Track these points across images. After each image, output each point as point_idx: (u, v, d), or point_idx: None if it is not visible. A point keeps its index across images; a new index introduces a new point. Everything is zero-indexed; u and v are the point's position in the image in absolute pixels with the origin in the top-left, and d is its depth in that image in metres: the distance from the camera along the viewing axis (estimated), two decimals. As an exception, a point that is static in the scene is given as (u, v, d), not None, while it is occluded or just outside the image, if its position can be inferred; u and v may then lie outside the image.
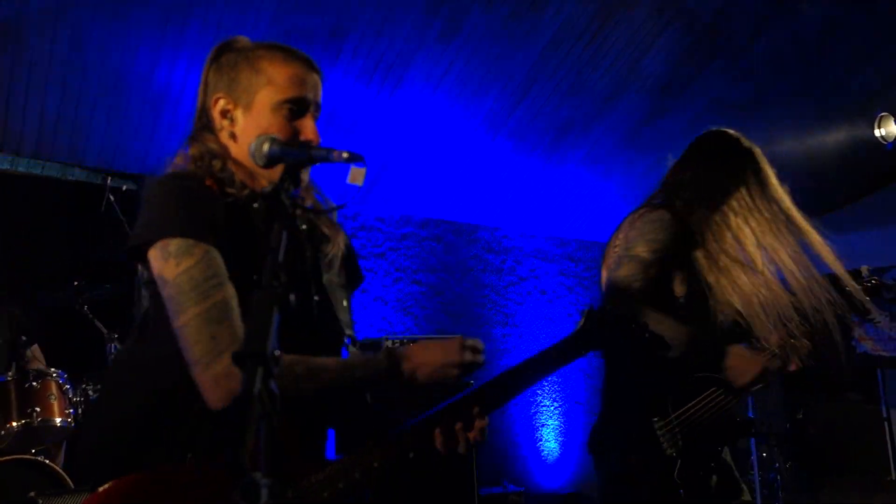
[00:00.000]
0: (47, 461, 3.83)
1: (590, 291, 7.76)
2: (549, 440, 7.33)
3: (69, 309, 4.25)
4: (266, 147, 1.44)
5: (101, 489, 1.38)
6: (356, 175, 1.25)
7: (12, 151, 5.49)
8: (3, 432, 3.84)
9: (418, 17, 5.43)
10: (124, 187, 5.26)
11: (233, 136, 1.62)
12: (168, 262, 1.43)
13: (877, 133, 7.12)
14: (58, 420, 3.93)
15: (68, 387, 4.11)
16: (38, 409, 3.86)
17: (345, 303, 1.74)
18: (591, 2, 5.61)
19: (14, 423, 3.84)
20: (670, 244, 2.44)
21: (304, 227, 1.69)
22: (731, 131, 2.79)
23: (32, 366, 4.31)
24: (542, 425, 7.33)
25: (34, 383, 3.91)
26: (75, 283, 4.17)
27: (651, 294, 2.39)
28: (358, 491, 1.51)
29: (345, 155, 1.28)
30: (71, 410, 4.06)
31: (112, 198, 4.71)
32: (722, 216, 2.55)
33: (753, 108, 6.72)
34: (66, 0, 4.75)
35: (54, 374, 4.01)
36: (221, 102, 1.63)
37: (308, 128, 1.60)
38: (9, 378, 3.98)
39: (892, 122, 7.04)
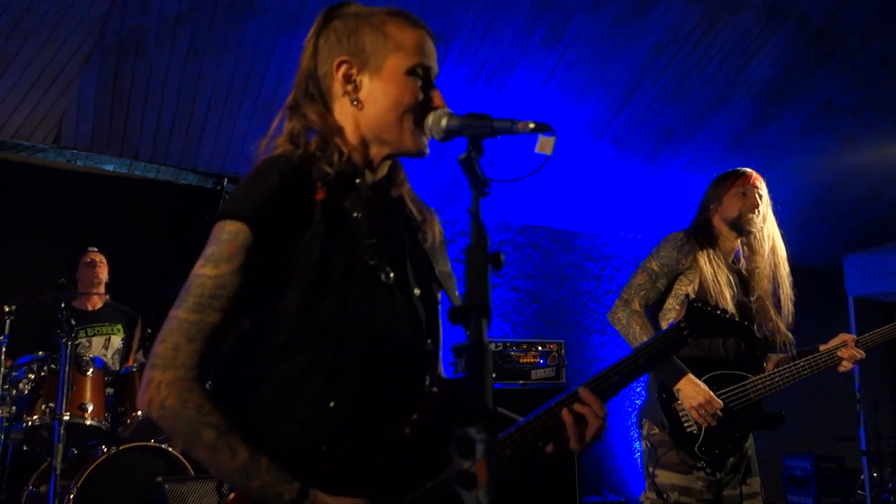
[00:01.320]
0: (170, 448, 3.97)
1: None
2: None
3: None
4: (444, 121, 1.43)
5: (237, 494, 1.39)
6: (545, 144, 1.24)
7: (130, 156, 5.72)
8: (128, 420, 4.00)
9: (522, 23, 5.45)
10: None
11: (357, 102, 1.55)
12: (209, 248, 1.43)
13: None
14: (179, 411, 4.03)
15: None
16: (161, 400, 3.98)
17: (457, 293, 1.70)
18: (696, 6, 5.53)
19: (139, 413, 3.99)
20: (680, 260, 3.05)
21: (401, 218, 1.64)
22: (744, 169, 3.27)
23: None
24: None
25: (157, 375, 4.04)
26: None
27: (658, 300, 3.07)
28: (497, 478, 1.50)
29: (531, 125, 1.27)
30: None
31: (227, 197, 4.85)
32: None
33: (865, 113, 6.49)
34: (184, 11, 4.95)
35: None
36: (345, 67, 1.55)
37: (438, 96, 1.55)
38: (133, 370, 4.14)
39: None
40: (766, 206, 3.14)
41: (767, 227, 3.14)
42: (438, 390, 1.56)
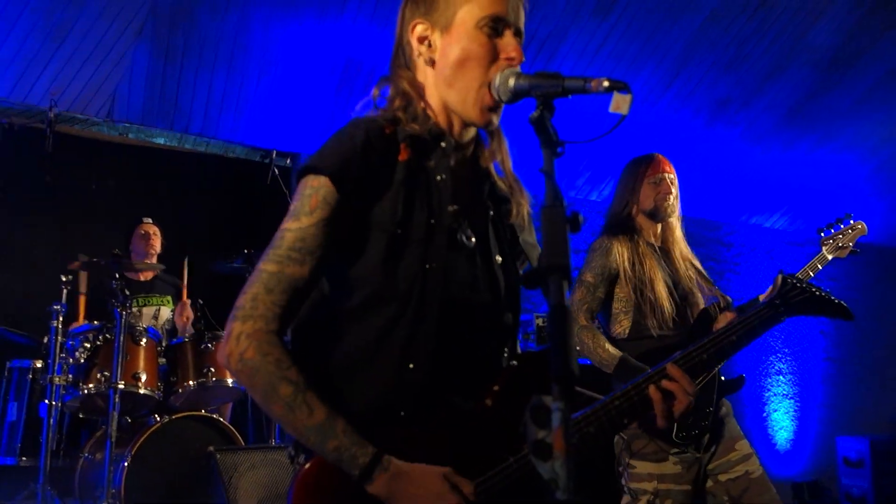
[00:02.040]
0: (221, 418, 4.01)
1: (741, 278, 7.42)
2: (781, 427, 7.31)
3: (240, 276, 4.38)
4: (512, 81, 1.38)
5: (312, 462, 1.37)
6: (620, 103, 1.16)
7: (181, 129, 5.75)
8: (179, 390, 4.04)
9: (575, -9, 5.33)
10: (288, 161, 5.41)
11: (431, 62, 1.54)
12: (293, 203, 1.44)
13: None
14: (230, 381, 4.08)
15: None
16: (212, 370, 4.03)
17: None
18: (756, -29, 5.37)
19: (190, 382, 4.03)
20: (611, 265, 3.06)
21: (486, 187, 1.61)
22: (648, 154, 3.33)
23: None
24: (774, 411, 7.34)
25: (209, 345, 4.09)
26: (245, 251, 4.33)
27: (603, 309, 3.11)
28: (577, 454, 1.46)
29: (605, 83, 1.18)
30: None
31: (276, 171, 4.86)
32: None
33: (932, 82, 6.25)
34: (236, -19, 4.94)
35: (226, 337, 4.14)
36: (419, 28, 1.55)
37: (510, 46, 1.48)
38: (185, 339, 4.18)
39: None
40: (675, 187, 3.23)
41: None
42: (520, 363, 1.51)
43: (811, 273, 3.15)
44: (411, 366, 1.41)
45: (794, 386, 7.56)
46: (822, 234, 3.26)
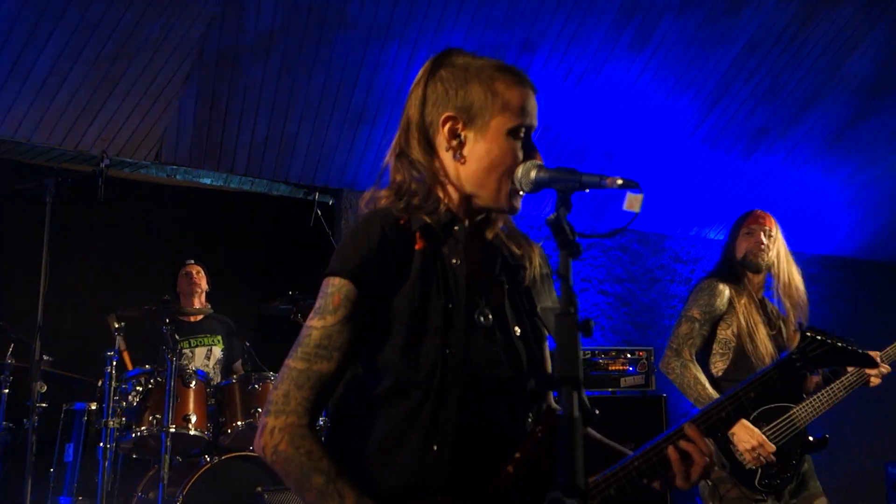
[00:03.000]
0: (271, 458, 4.10)
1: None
2: (828, 453, 7.23)
3: (285, 318, 4.48)
4: (533, 174, 1.47)
5: None
6: (633, 201, 1.24)
7: (227, 170, 5.92)
8: (229, 430, 4.14)
9: (609, 27, 5.39)
10: (331, 202, 5.51)
11: (460, 157, 1.57)
12: (318, 301, 1.52)
13: None
14: (276, 421, 4.16)
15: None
16: (259, 410, 4.14)
17: None
18: (790, 2, 5.37)
19: (239, 422, 4.14)
20: (719, 307, 3.28)
21: (498, 260, 1.66)
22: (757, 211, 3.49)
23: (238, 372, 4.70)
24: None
25: (256, 385, 4.20)
26: (290, 292, 4.44)
27: (703, 347, 3.30)
28: None
29: (619, 181, 1.26)
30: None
31: (319, 212, 4.97)
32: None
33: (972, 107, 6.17)
34: (277, 28, 5.10)
35: (273, 378, 4.27)
36: (451, 123, 1.58)
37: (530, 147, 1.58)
38: (233, 381, 4.30)
39: None
40: (774, 242, 3.37)
41: (781, 261, 3.39)
42: (544, 428, 1.56)
43: None
44: (436, 448, 1.48)
45: (840, 411, 7.43)
46: None
